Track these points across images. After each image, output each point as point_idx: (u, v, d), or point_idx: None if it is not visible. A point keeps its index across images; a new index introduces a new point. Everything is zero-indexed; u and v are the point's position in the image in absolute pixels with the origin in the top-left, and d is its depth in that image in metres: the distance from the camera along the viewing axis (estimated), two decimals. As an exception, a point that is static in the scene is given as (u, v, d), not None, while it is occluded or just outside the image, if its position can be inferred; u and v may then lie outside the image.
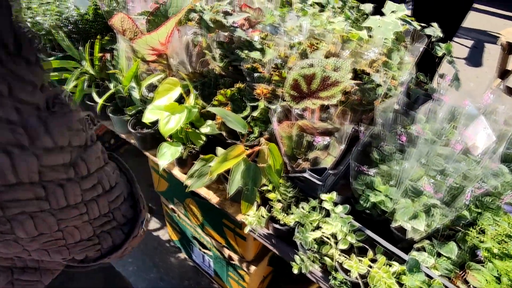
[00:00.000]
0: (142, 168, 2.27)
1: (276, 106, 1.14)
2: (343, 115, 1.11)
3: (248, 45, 1.41)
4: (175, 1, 1.29)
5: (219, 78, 1.32)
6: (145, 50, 1.27)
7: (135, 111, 1.38)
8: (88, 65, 1.41)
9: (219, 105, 1.19)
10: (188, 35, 1.36)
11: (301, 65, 1.20)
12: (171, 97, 1.17)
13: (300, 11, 1.79)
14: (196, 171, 1.09)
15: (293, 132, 1.13)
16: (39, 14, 1.43)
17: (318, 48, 1.45)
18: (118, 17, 1.32)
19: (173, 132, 1.14)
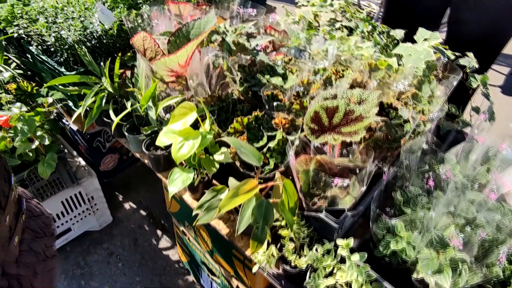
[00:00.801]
0: (159, 182, 2.25)
1: (295, 138, 1.08)
2: (366, 151, 1.04)
3: (270, 70, 1.36)
4: (198, 22, 1.26)
5: (237, 103, 1.27)
6: (163, 71, 1.24)
7: (151, 131, 1.35)
8: (108, 82, 1.40)
9: (235, 133, 1.14)
10: (209, 57, 1.32)
11: (324, 96, 1.14)
12: (186, 122, 1.13)
13: (327, 34, 1.73)
14: (206, 202, 1.04)
15: (311, 167, 1.06)
16: (64, 29, 1.43)
17: (343, 75, 1.38)
18: (140, 36, 1.30)
19: (186, 158, 1.09)
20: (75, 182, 1.73)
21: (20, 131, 1.42)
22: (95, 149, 2.09)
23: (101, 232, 1.97)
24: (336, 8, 1.88)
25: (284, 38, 1.56)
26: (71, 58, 1.53)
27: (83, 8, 1.49)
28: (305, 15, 1.87)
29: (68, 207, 1.77)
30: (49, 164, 1.53)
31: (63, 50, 1.47)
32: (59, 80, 1.44)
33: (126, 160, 2.29)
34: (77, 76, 1.45)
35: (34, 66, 1.72)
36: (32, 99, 1.66)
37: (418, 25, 1.63)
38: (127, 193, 2.21)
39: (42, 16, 1.48)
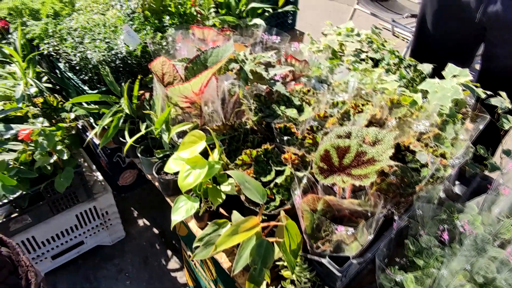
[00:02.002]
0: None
1: (303, 176, 1.03)
2: (378, 196, 0.98)
3: (287, 101, 1.33)
4: (216, 50, 1.26)
5: (250, 133, 1.25)
6: (178, 97, 1.24)
7: (163, 155, 1.35)
8: (126, 103, 1.42)
9: (243, 165, 1.11)
10: (225, 84, 1.32)
11: (337, 133, 1.09)
12: (194, 150, 1.12)
13: (351, 64, 1.69)
14: (206, 235, 1.01)
15: (318, 208, 1.01)
16: (89, 49, 1.48)
17: (362, 110, 1.33)
18: (159, 61, 1.31)
19: (191, 187, 1.08)
20: (91, 197, 1.76)
21: (40, 146, 1.46)
22: (115, 164, 2.12)
23: (113, 247, 1.99)
24: (363, 39, 1.84)
25: (305, 67, 1.53)
26: (95, 77, 1.58)
27: (109, 30, 1.53)
28: (331, 44, 1.84)
29: (82, 220, 1.79)
30: (66, 179, 1.56)
31: (87, 69, 1.51)
32: (82, 98, 1.47)
33: (144, 176, 2.31)
34: (98, 95, 1.48)
35: (62, 81, 1.78)
36: (57, 114, 1.72)
37: (449, 60, 1.56)
38: (142, 209, 2.22)
39: (70, 36, 1.54)
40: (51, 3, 1.81)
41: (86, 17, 1.66)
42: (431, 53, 1.92)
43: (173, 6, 1.82)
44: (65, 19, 1.78)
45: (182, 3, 1.86)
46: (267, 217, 1.06)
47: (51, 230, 1.71)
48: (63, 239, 1.78)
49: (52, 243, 1.75)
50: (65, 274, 1.87)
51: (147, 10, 1.81)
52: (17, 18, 1.82)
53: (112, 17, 1.71)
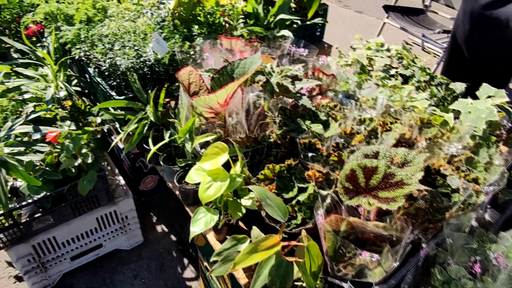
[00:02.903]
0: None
1: (327, 195, 1.00)
2: (405, 221, 0.94)
3: (312, 115, 1.30)
4: (243, 62, 1.25)
5: (273, 146, 1.23)
6: (203, 108, 1.23)
7: (185, 164, 1.34)
8: (151, 111, 1.43)
9: (265, 179, 1.09)
10: (251, 96, 1.30)
11: (364, 152, 1.06)
12: (216, 162, 1.10)
13: (380, 80, 1.65)
14: (224, 251, 0.99)
15: (341, 229, 0.98)
16: (119, 56, 1.50)
17: (391, 129, 1.29)
18: (186, 70, 1.31)
19: (212, 199, 1.07)
20: (112, 201, 1.77)
21: (66, 148, 1.48)
22: (137, 168, 2.14)
23: (131, 252, 1.99)
24: (393, 54, 1.80)
25: (332, 82, 1.50)
26: (123, 83, 1.60)
27: (139, 38, 1.55)
28: (359, 58, 1.81)
29: (102, 224, 1.81)
30: (89, 182, 1.58)
31: (116, 75, 1.53)
32: (109, 104, 1.49)
33: (165, 182, 2.32)
34: (124, 101, 1.50)
35: (90, 86, 1.82)
36: (84, 117, 1.75)
37: (483, 79, 1.50)
38: (161, 215, 2.23)
39: (101, 42, 1.56)
40: (84, 9, 1.85)
41: (117, 24, 1.69)
42: (464, 72, 1.85)
43: (203, 15, 1.83)
44: (97, 25, 1.82)
45: (211, 12, 1.87)
46: (287, 235, 1.03)
47: (72, 231, 1.73)
48: (82, 241, 1.80)
49: (72, 245, 1.77)
50: (82, 275, 1.89)
51: (176, 19, 1.83)
52: (52, 22, 1.88)
53: (142, 25, 1.74)
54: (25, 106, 1.74)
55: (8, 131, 1.49)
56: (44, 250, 1.70)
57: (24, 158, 1.48)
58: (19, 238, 1.60)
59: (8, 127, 1.54)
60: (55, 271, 1.80)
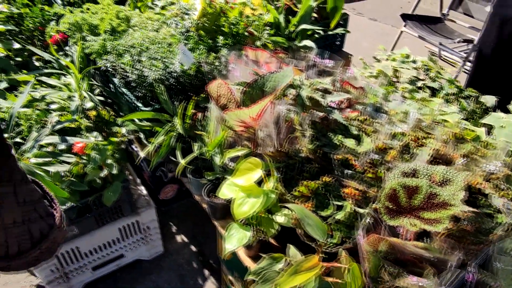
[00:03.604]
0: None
1: (366, 214, 0.98)
2: (449, 243, 0.91)
3: (343, 129, 1.29)
4: (274, 75, 1.24)
5: (305, 161, 1.21)
6: (234, 121, 1.22)
7: (214, 177, 1.33)
8: (179, 124, 1.42)
9: (301, 196, 1.07)
10: (281, 110, 1.29)
11: (402, 169, 1.04)
12: (250, 178, 1.09)
13: (407, 93, 1.63)
14: (261, 270, 0.97)
15: (379, 249, 0.95)
16: (146, 67, 1.50)
17: (423, 144, 1.27)
18: (216, 83, 1.31)
19: (246, 216, 1.05)
20: (134, 211, 1.77)
21: (92, 160, 1.48)
22: (157, 178, 2.13)
23: (151, 262, 1.98)
24: (419, 66, 1.78)
25: (361, 95, 1.48)
26: (148, 94, 1.60)
27: (167, 50, 1.55)
28: (385, 69, 1.79)
29: (124, 234, 1.80)
30: (114, 193, 1.57)
31: (142, 86, 1.53)
32: (136, 115, 1.49)
33: (184, 192, 2.31)
34: (151, 112, 1.50)
35: (115, 96, 1.82)
36: (108, 127, 1.75)
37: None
38: (181, 224, 2.22)
39: (128, 54, 1.57)
40: (109, 20, 1.86)
41: (142, 35, 1.69)
42: (493, 85, 1.82)
43: (227, 26, 1.83)
44: (122, 35, 1.83)
45: (234, 23, 1.87)
46: (325, 255, 1.01)
47: (94, 241, 1.72)
48: (104, 251, 1.79)
49: (94, 255, 1.77)
50: (103, 286, 1.88)
51: (200, 29, 1.83)
52: (77, 32, 1.89)
53: (165, 34, 1.74)
54: (49, 115, 1.75)
55: (35, 141, 1.49)
56: (67, 260, 1.69)
57: (50, 168, 1.48)
58: (44, 249, 1.60)
59: (34, 137, 1.54)
60: (77, 281, 1.79)
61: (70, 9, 1.96)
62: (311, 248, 1.03)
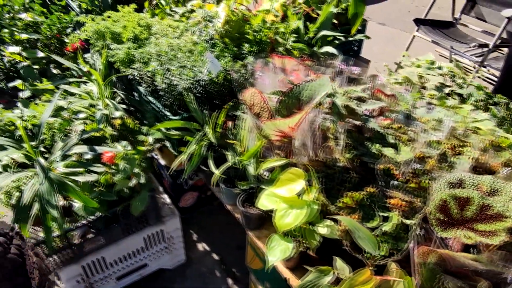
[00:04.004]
0: (233, 226, 2.21)
1: (415, 226, 0.97)
2: (503, 254, 0.90)
3: (380, 138, 1.28)
4: (310, 84, 1.23)
5: (343, 171, 1.20)
6: (272, 131, 1.21)
7: (248, 187, 1.32)
8: (210, 133, 1.41)
9: (345, 208, 1.06)
10: (317, 119, 1.28)
11: (448, 179, 1.02)
12: (292, 189, 1.08)
13: (436, 100, 1.61)
14: (309, 283, 0.96)
15: (428, 260, 0.94)
16: (176, 76, 1.49)
17: (461, 152, 1.26)
18: (249, 92, 1.30)
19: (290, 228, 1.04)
20: (160, 220, 1.75)
21: (122, 170, 1.47)
22: (178, 185, 2.12)
23: (174, 271, 1.96)
24: (445, 72, 1.77)
25: (393, 102, 1.47)
26: (176, 102, 1.58)
27: (198, 58, 1.53)
28: (410, 76, 1.78)
29: (149, 243, 1.78)
30: (141, 202, 1.56)
31: (171, 95, 1.52)
32: (166, 124, 1.48)
33: (204, 199, 2.30)
34: (181, 121, 1.48)
35: (139, 104, 1.81)
36: (133, 136, 1.73)
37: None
38: (201, 232, 2.20)
39: (157, 61, 1.56)
40: (132, 27, 1.86)
41: (168, 43, 1.68)
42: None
43: (251, 33, 1.82)
44: (144, 43, 1.82)
45: (257, 30, 1.86)
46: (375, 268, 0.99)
47: (120, 251, 1.71)
48: (129, 261, 1.77)
49: (119, 264, 1.75)
50: (126, 295, 1.86)
51: (224, 37, 1.82)
52: (99, 40, 1.88)
53: (190, 42, 1.73)
54: (72, 124, 1.74)
55: (64, 152, 1.48)
56: (92, 271, 1.68)
57: (79, 178, 1.47)
58: (71, 259, 1.58)
59: (61, 147, 1.53)
60: (101, 291, 1.77)
61: (92, 17, 1.95)
62: (353, 259, 1.02)
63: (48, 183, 1.33)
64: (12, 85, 2.08)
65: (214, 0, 2.19)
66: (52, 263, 1.54)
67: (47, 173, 1.34)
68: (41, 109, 1.83)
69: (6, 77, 2.64)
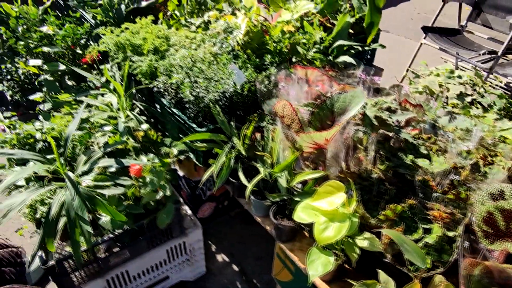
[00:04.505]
0: (251, 236, 2.21)
1: (462, 237, 0.97)
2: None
3: (412, 149, 1.28)
4: (343, 96, 1.23)
5: (379, 183, 1.20)
6: (306, 143, 1.21)
7: (280, 199, 1.32)
8: (240, 145, 1.41)
9: (386, 220, 1.06)
10: (349, 130, 1.28)
11: (488, 190, 1.03)
12: (332, 202, 1.08)
13: (459, 109, 1.62)
14: (356, 297, 0.95)
15: (474, 273, 0.94)
16: (202, 88, 1.49)
17: (493, 162, 1.26)
18: (281, 104, 1.30)
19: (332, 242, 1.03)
20: (183, 233, 1.74)
21: (150, 183, 1.46)
22: (197, 196, 2.11)
23: (195, 283, 1.95)
24: (466, 81, 1.78)
25: (419, 112, 1.48)
26: (201, 114, 1.58)
27: (226, 71, 1.54)
28: (430, 85, 1.79)
29: (171, 255, 1.77)
30: (167, 214, 1.55)
31: (198, 107, 1.52)
32: (194, 136, 1.48)
33: (221, 209, 2.29)
34: (208, 134, 1.48)
35: (161, 115, 1.81)
36: (156, 148, 1.73)
37: None
38: (219, 243, 2.19)
39: (182, 73, 1.56)
40: (152, 40, 1.86)
41: (190, 55, 1.68)
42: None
43: (272, 44, 1.83)
44: (164, 54, 1.82)
45: (277, 41, 1.87)
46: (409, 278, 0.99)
47: (143, 264, 1.69)
48: (152, 274, 1.76)
49: (142, 278, 1.74)
50: (147, 308, 1.84)
51: (244, 48, 1.82)
52: (120, 52, 1.88)
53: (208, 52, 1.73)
54: (93, 136, 1.73)
55: (92, 165, 1.47)
56: (116, 284, 1.66)
57: (106, 191, 1.46)
58: (96, 273, 1.57)
59: (85, 160, 1.53)
60: (124, 304, 1.76)
61: (111, 29, 1.96)
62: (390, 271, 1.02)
63: (79, 197, 1.32)
64: (33, 97, 2.07)
65: (230, 12, 2.21)
66: (78, 278, 1.53)
67: (77, 188, 1.33)
68: (60, 121, 1.82)
69: (21, 89, 2.64)
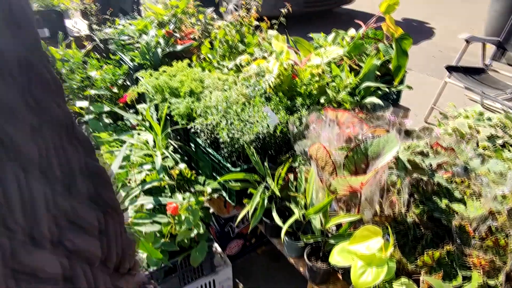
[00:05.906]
0: (278, 273, 2.20)
1: (502, 285, 0.96)
2: None
3: (446, 193, 1.29)
4: (376, 141, 1.27)
5: (415, 227, 1.21)
6: (341, 186, 1.24)
7: (314, 241, 1.33)
8: (274, 185, 1.45)
9: (423, 266, 1.06)
10: (384, 174, 1.31)
11: (529, 238, 1.02)
12: (369, 247, 1.09)
13: (491, 151, 1.63)
14: None
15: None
16: (237, 130, 1.56)
17: (531, 208, 1.25)
18: (315, 147, 1.35)
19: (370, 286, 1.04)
20: (214, 270, 1.76)
21: (186, 221, 1.51)
22: (225, 233, 2.14)
23: (223, 323, 1.94)
24: (496, 123, 1.79)
25: (451, 155, 1.50)
26: (235, 154, 1.65)
27: (262, 114, 1.61)
28: (460, 127, 1.81)
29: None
30: (201, 252, 1.58)
31: (233, 148, 1.58)
32: (229, 176, 1.53)
33: (248, 247, 2.30)
34: (242, 173, 1.54)
35: (195, 154, 1.88)
36: (189, 185, 1.79)
37: None
38: (246, 282, 2.18)
39: (219, 114, 1.64)
40: (188, 82, 1.97)
41: (225, 97, 1.77)
42: None
43: (302, 87, 1.90)
44: (199, 96, 1.92)
45: (307, 84, 1.95)
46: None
47: (174, 302, 1.71)
48: (181, 312, 1.77)
49: (172, 316, 1.75)
50: None
51: (275, 90, 1.91)
52: (158, 94, 2.00)
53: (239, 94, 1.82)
54: (130, 173, 1.81)
55: (131, 203, 1.54)
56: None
57: (143, 228, 1.51)
58: (129, 310, 1.59)
59: (123, 198, 1.60)
60: None
61: (151, 73, 2.09)
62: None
63: (120, 234, 1.38)
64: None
65: (261, 56, 2.32)
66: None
67: (119, 225, 1.39)
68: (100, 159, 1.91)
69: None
